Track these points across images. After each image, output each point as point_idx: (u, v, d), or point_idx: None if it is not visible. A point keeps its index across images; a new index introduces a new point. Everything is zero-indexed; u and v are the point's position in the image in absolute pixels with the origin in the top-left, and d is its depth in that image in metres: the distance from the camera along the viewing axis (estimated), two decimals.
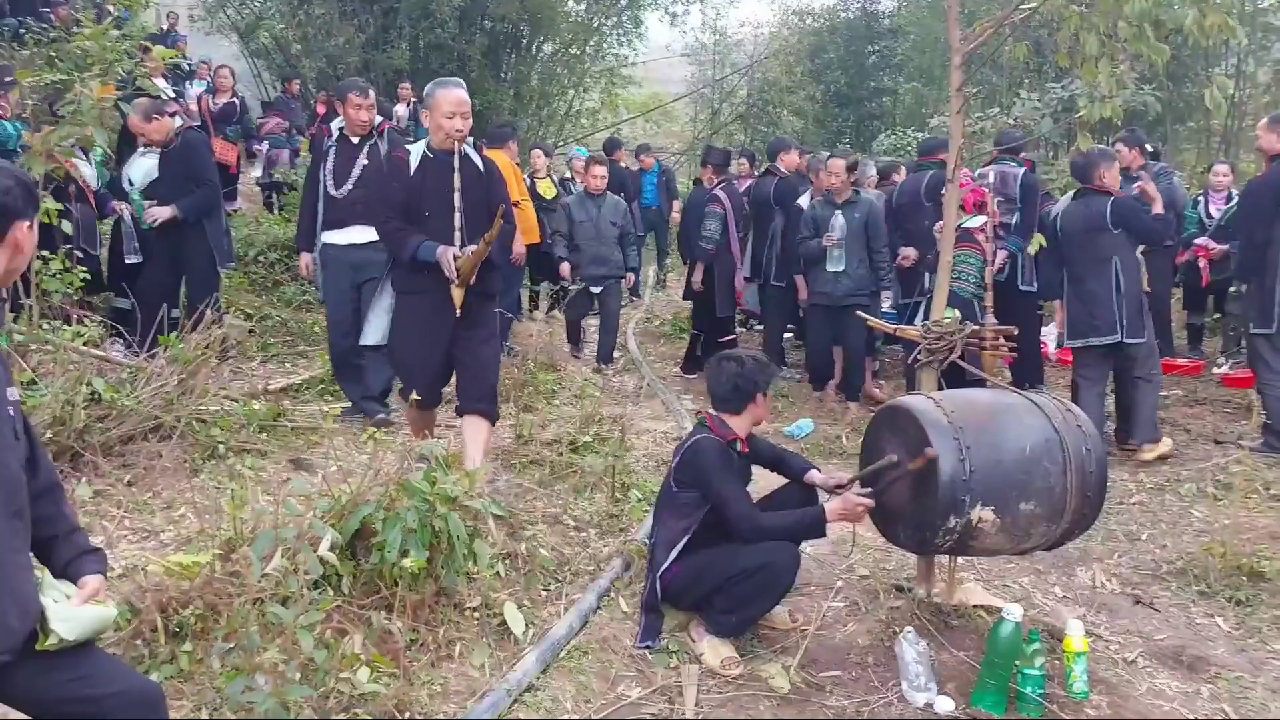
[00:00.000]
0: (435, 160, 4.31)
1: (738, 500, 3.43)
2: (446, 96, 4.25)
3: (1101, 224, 5.64)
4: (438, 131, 4.30)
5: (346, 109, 5.52)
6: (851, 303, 6.67)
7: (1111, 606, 3.98)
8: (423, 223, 4.30)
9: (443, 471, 3.36)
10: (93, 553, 2.26)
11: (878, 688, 3.30)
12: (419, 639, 3.21)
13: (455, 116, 4.25)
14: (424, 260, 4.21)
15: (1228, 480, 5.21)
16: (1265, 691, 3.33)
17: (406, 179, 4.32)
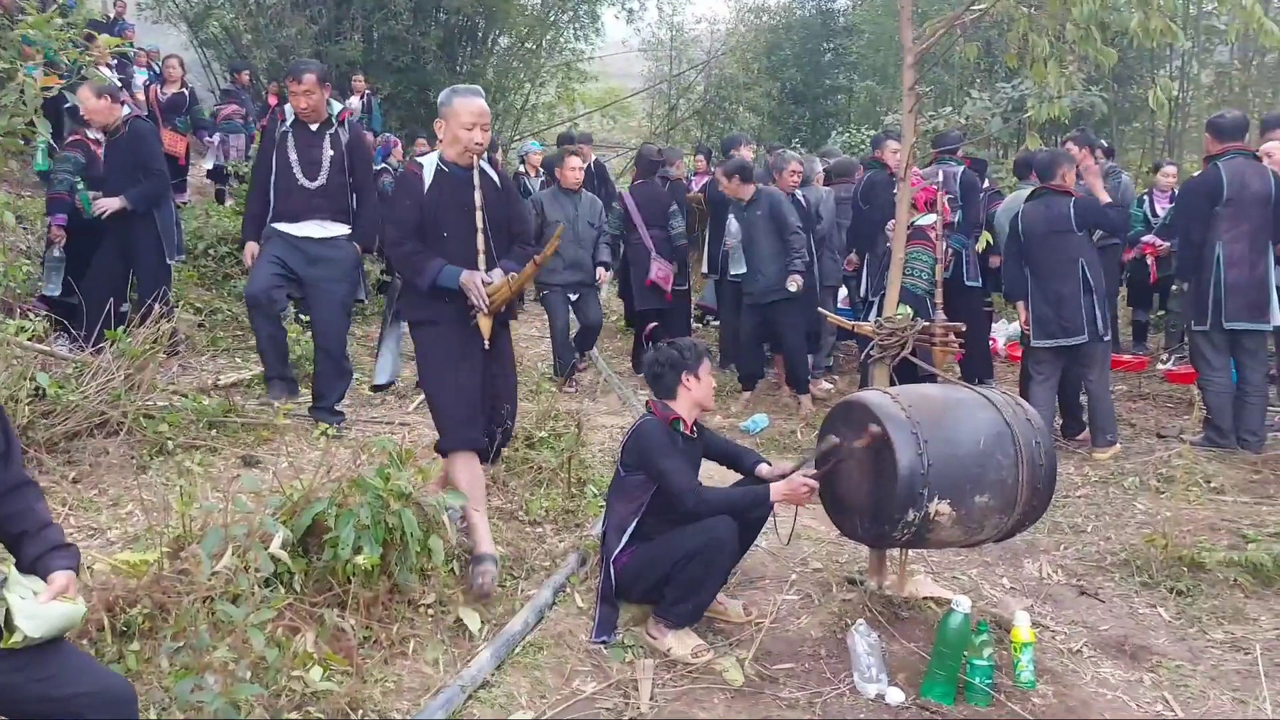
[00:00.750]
0: (451, 176, 3.86)
1: (680, 474, 3.47)
2: (466, 106, 3.83)
3: (1066, 226, 5.73)
4: (454, 144, 3.85)
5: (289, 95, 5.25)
6: (775, 299, 6.70)
7: (1057, 597, 4.06)
8: (440, 244, 3.83)
9: (396, 468, 3.34)
10: (63, 548, 2.22)
11: (830, 679, 3.34)
12: (372, 636, 3.19)
13: (475, 128, 3.81)
14: (444, 287, 3.75)
15: (1170, 474, 5.34)
16: (1204, 679, 3.42)
17: (420, 196, 3.83)
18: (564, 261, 7.11)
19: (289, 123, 5.28)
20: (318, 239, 5.26)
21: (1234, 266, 5.67)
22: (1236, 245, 5.66)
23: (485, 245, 3.86)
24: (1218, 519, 4.69)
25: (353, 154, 5.37)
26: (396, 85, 14.87)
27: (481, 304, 3.72)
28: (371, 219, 5.48)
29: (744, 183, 6.88)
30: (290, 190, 5.23)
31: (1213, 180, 5.77)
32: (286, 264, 5.25)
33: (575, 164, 7.29)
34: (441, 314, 3.83)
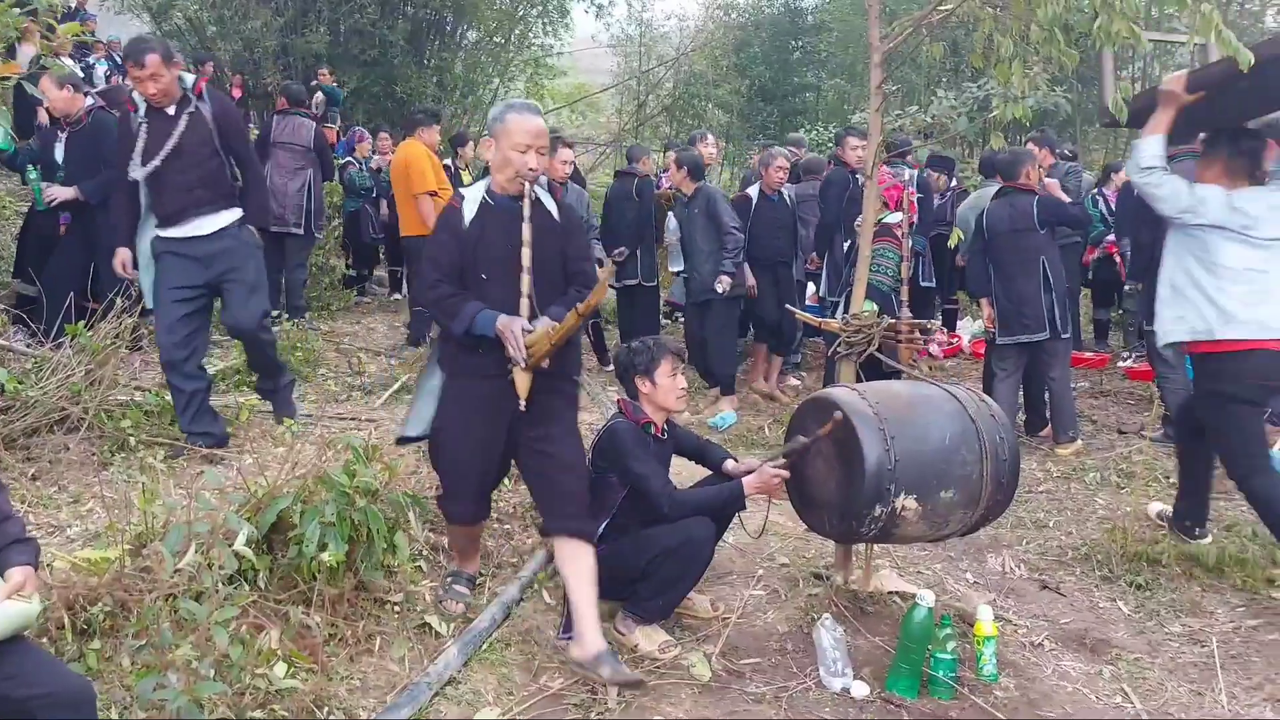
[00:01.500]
0: (497, 208, 3.34)
1: (655, 477, 3.48)
2: (521, 125, 3.29)
3: (1029, 224, 5.80)
4: (505, 168, 3.31)
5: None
6: (706, 298, 6.68)
7: (1020, 592, 4.11)
8: (480, 287, 3.31)
9: (362, 464, 3.32)
10: (23, 543, 2.18)
11: (796, 674, 3.36)
12: (338, 633, 3.17)
13: (530, 151, 3.28)
14: (481, 334, 3.23)
15: (1130, 469, 5.42)
16: (1162, 672, 3.48)
17: (460, 232, 3.33)
18: None
19: (143, 111, 4.72)
20: (206, 236, 4.73)
21: None
22: None
23: (530, 288, 3.27)
24: None
25: (222, 126, 4.77)
26: (363, 79, 14.75)
27: (518, 355, 3.15)
28: (261, 194, 5.08)
29: (690, 178, 6.87)
30: (162, 188, 4.68)
31: None
32: (189, 286, 4.72)
33: (566, 155, 6.98)
34: (479, 367, 3.32)
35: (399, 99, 14.69)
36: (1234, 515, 4.73)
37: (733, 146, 19.55)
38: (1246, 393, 3.94)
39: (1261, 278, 3.90)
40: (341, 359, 7.07)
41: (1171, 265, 4.12)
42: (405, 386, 6.33)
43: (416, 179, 7.37)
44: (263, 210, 5.15)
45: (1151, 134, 4.01)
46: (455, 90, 16.74)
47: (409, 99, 14.37)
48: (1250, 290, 3.88)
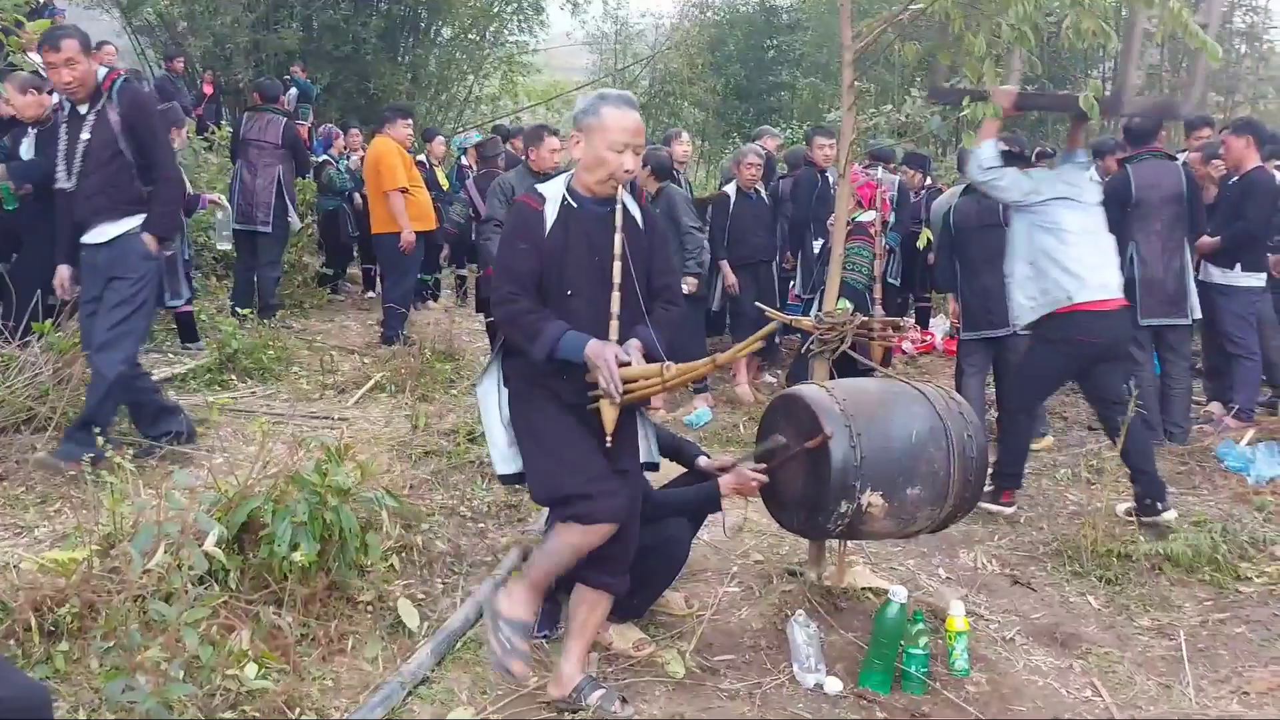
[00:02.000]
0: (583, 211, 2.93)
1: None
2: (619, 120, 2.87)
3: (995, 220, 5.85)
4: (597, 168, 2.89)
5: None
6: None
7: (992, 587, 4.15)
8: (563, 305, 2.89)
9: (334, 463, 3.30)
10: None
11: (770, 670, 3.37)
12: (310, 634, 3.15)
13: (627, 150, 2.87)
14: (567, 359, 2.81)
15: (1100, 465, 5.47)
16: (1131, 665, 3.52)
17: (540, 239, 2.89)
18: None
19: (65, 111, 4.51)
20: (102, 244, 4.47)
21: (1147, 265, 5.83)
22: (1149, 244, 5.82)
23: (618, 307, 2.87)
24: None
25: (130, 125, 4.45)
26: (336, 75, 14.67)
27: (612, 390, 2.74)
28: (167, 200, 4.63)
29: (655, 177, 6.85)
30: (74, 194, 4.46)
31: (1120, 184, 5.93)
32: (94, 298, 4.50)
33: (555, 144, 6.70)
34: (560, 392, 2.92)
35: (372, 95, 14.62)
36: (1201, 511, 4.79)
37: (708, 145, 19.58)
38: (1084, 349, 4.55)
39: (1096, 239, 4.56)
40: (314, 357, 7.02)
41: (1025, 247, 4.65)
42: (379, 385, 6.30)
43: (387, 176, 7.34)
44: (166, 218, 4.64)
45: (985, 139, 4.59)
46: (429, 87, 16.69)
47: (382, 95, 14.30)
48: (1093, 253, 4.51)
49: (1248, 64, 16.35)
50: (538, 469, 2.97)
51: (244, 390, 6.13)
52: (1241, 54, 16.24)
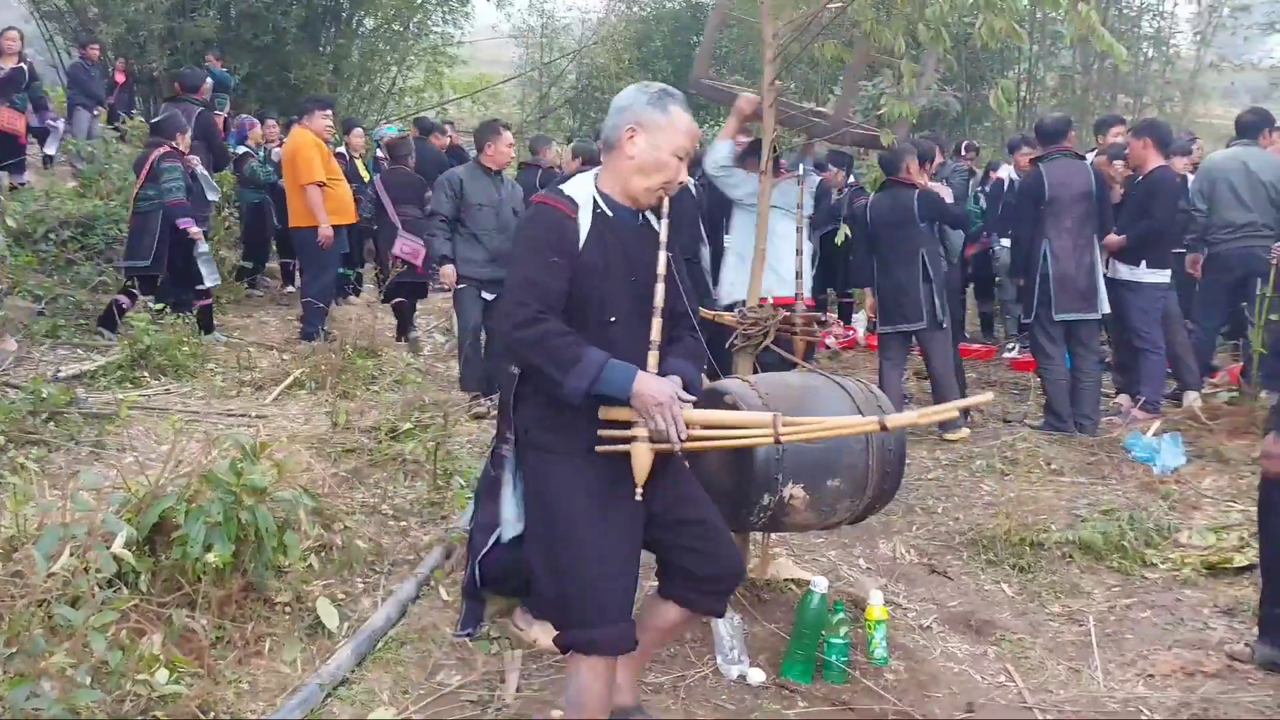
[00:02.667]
0: (618, 221, 2.49)
1: None
2: (687, 122, 2.49)
3: (910, 217, 5.98)
4: (654, 172, 2.46)
5: None
6: None
7: (910, 576, 4.23)
8: (601, 332, 2.42)
9: (250, 462, 3.22)
10: None
11: (694, 662, 3.39)
12: (225, 636, 3.08)
13: (685, 159, 2.50)
14: (609, 393, 2.34)
15: (1014, 457, 5.63)
16: (1043, 651, 3.63)
17: (574, 252, 2.42)
18: (486, 252, 6.15)
19: None
20: None
21: (1060, 261, 6.00)
22: (1061, 241, 6.00)
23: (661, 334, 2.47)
24: (1057, 499, 4.98)
25: None
26: (255, 65, 14.32)
27: (674, 435, 2.32)
28: None
29: (581, 167, 6.86)
30: None
31: (1034, 182, 6.11)
32: None
33: (510, 139, 6.34)
34: (572, 443, 2.46)
35: (293, 86, 14.30)
36: (1110, 500, 4.95)
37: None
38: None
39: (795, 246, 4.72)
40: (231, 354, 6.85)
41: (740, 239, 5.04)
42: (298, 381, 6.18)
43: (303, 169, 7.21)
44: None
45: (723, 139, 4.99)
46: (352, 78, 16.40)
47: (304, 86, 14.00)
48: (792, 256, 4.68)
49: (1155, 67, 16.94)
50: (547, 581, 2.50)
51: (157, 388, 5.96)
52: (1149, 57, 16.81)
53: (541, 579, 2.52)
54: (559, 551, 2.46)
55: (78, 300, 7.20)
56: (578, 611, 2.46)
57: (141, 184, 6.97)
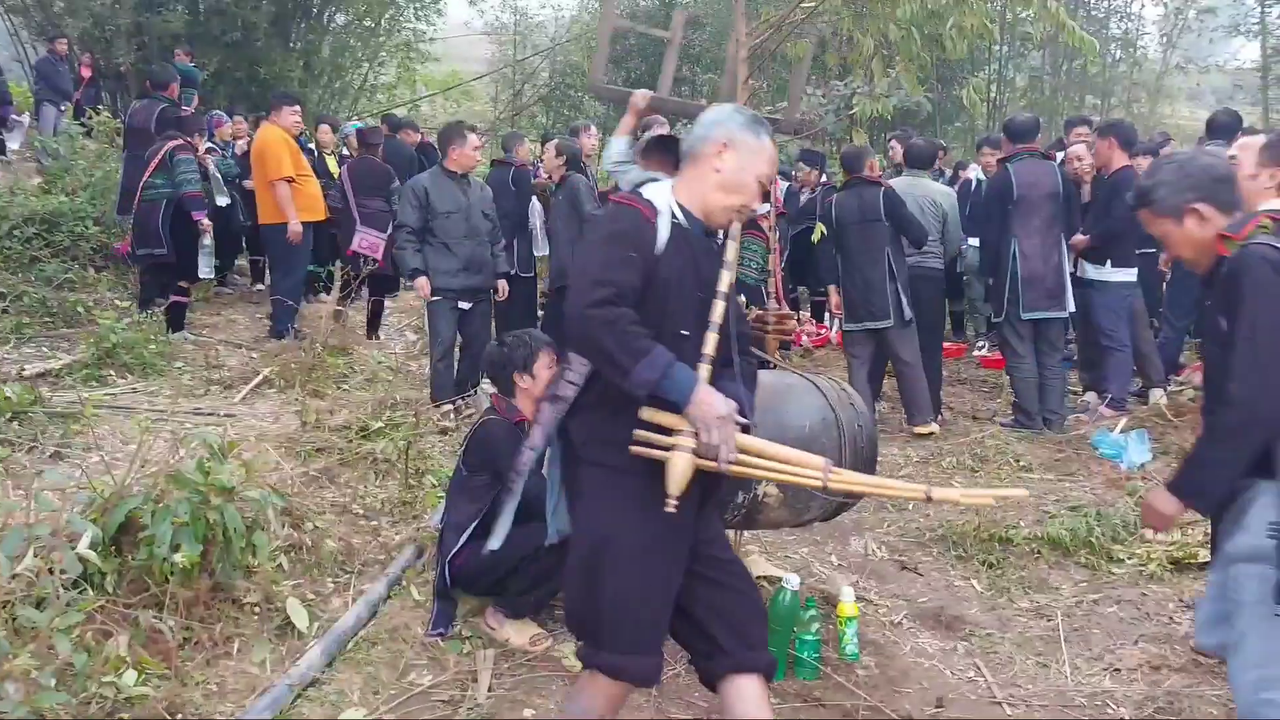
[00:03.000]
0: (692, 234, 2.46)
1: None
2: (770, 152, 2.50)
3: (875, 215, 6.01)
4: (736, 191, 2.44)
5: None
6: (561, 284, 6.37)
7: (880, 573, 4.26)
8: (675, 344, 2.31)
9: (218, 461, 3.19)
10: None
11: (668, 661, 3.37)
12: (193, 637, 3.06)
13: (763, 188, 2.53)
14: (671, 395, 2.24)
15: (984, 454, 5.67)
16: (1012, 646, 3.66)
17: (650, 255, 2.36)
18: (458, 261, 5.87)
19: None
20: None
21: (1029, 260, 6.06)
22: (1029, 240, 6.05)
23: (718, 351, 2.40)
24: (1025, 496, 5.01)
25: None
26: (225, 61, 14.16)
27: (724, 454, 2.24)
28: None
29: (567, 167, 6.84)
30: None
31: (1003, 182, 6.16)
32: None
33: (477, 142, 6.07)
34: (628, 460, 2.34)
35: (263, 82, 14.16)
36: (1077, 496, 5.00)
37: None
38: None
39: None
40: (199, 352, 6.78)
41: None
42: (268, 380, 6.12)
43: (271, 165, 7.14)
44: None
45: (619, 135, 5.09)
46: (322, 74, 16.26)
47: (274, 82, 13.86)
48: None
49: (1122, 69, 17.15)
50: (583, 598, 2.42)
51: (124, 387, 5.89)
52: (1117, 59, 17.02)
53: (576, 593, 2.45)
54: (603, 573, 2.37)
55: (42, 298, 7.09)
56: (610, 635, 2.39)
57: (150, 173, 7.12)
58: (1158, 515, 2.54)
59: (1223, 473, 2.39)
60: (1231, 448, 2.36)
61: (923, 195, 6.45)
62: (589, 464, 2.43)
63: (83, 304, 7.19)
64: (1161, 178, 2.54)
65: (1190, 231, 2.51)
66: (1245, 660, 2.41)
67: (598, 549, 2.39)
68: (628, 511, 2.37)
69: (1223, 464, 2.38)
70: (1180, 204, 2.49)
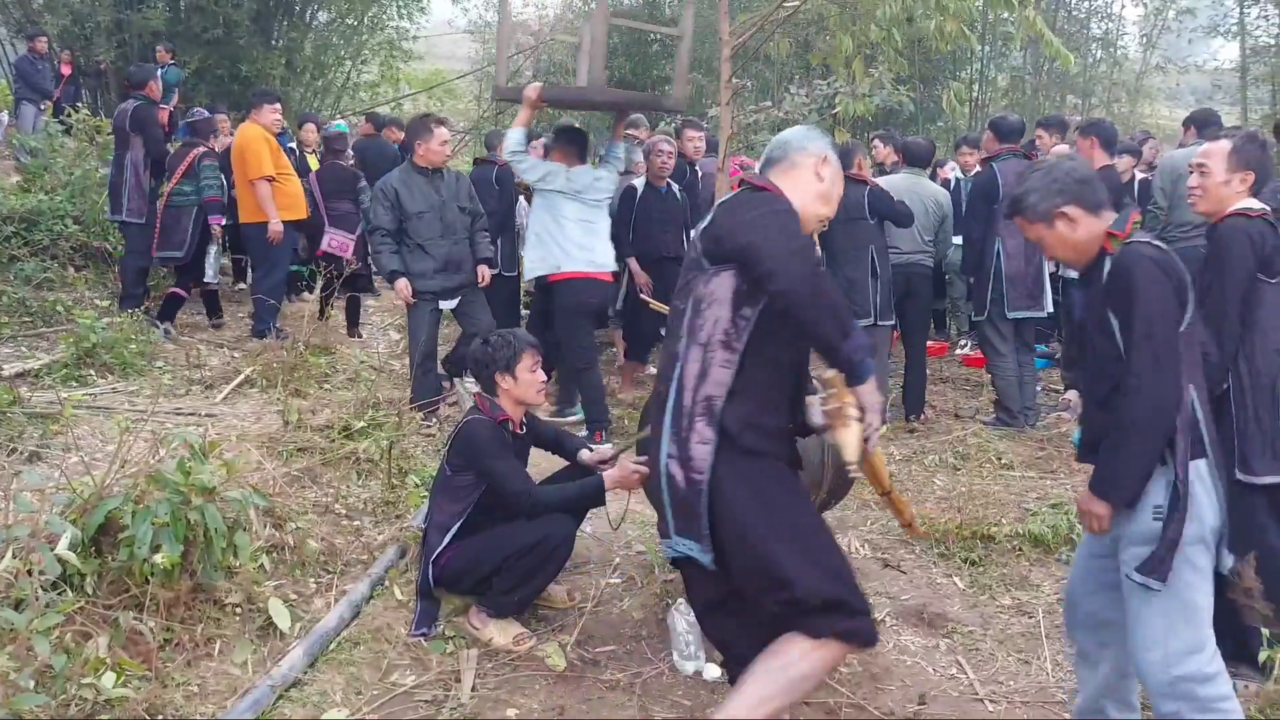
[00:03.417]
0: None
1: (513, 477, 3.44)
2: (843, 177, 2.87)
3: (860, 213, 6.03)
4: (825, 206, 2.72)
5: None
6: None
7: (864, 570, 4.27)
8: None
9: (198, 461, 3.17)
10: None
11: (650, 659, 3.41)
12: (174, 638, 3.04)
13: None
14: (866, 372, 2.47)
15: (965, 452, 5.71)
16: (993, 642, 3.69)
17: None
18: (434, 262, 5.70)
19: None
20: None
21: (1012, 260, 6.10)
22: (1013, 240, 6.07)
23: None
24: (1007, 493, 5.05)
25: None
26: (206, 59, 14.06)
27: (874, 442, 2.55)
28: None
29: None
30: None
31: (988, 181, 6.19)
32: None
33: (445, 136, 5.85)
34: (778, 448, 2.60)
35: (245, 80, 14.07)
36: (1059, 494, 5.04)
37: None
38: (580, 309, 5.72)
39: (591, 227, 5.72)
40: (180, 351, 6.74)
41: (536, 219, 5.80)
42: (249, 379, 6.09)
43: (252, 164, 7.11)
44: None
45: (516, 127, 5.71)
46: (305, 72, 16.17)
47: (256, 80, 13.78)
48: (582, 235, 5.66)
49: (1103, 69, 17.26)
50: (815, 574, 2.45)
51: (104, 386, 5.85)
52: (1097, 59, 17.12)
53: (806, 576, 2.44)
54: (812, 544, 2.50)
55: (21, 297, 7.03)
56: (852, 598, 2.48)
57: (178, 180, 7.40)
58: (1092, 517, 2.60)
59: (1138, 465, 2.47)
60: (1142, 440, 2.45)
61: (925, 195, 6.49)
62: (744, 454, 2.49)
63: (62, 303, 7.14)
64: (1030, 185, 2.66)
65: (1062, 233, 2.63)
66: (1145, 640, 2.48)
67: (797, 527, 2.51)
68: (796, 490, 2.61)
69: (1137, 457, 2.46)
70: (1050, 209, 2.61)
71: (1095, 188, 2.61)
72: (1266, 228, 3.25)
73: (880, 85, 5.85)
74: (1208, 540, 2.47)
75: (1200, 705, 2.41)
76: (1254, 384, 3.25)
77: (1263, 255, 3.23)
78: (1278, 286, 3.27)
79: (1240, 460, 3.25)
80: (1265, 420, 3.24)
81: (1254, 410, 3.24)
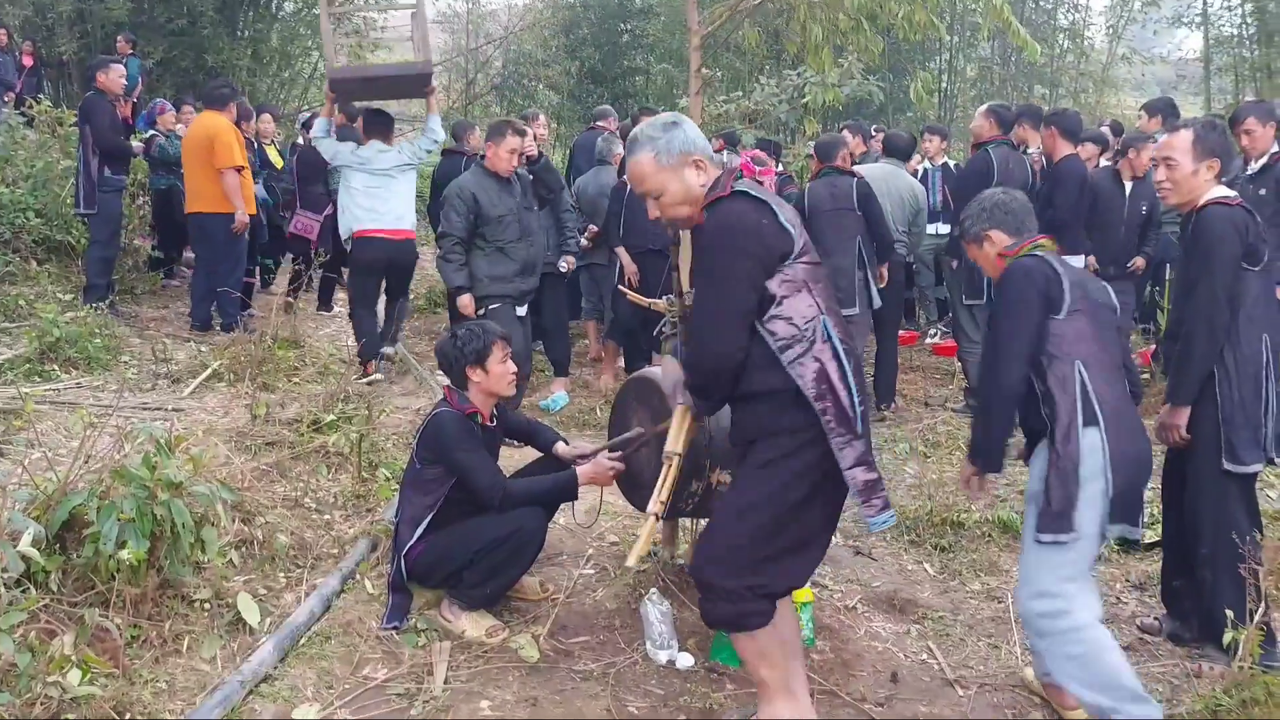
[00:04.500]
0: None
1: (483, 470, 3.42)
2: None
3: (849, 204, 6.04)
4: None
5: None
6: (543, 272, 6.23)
7: (835, 558, 4.29)
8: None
9: (164, 456, 3.13)
10: None
11: (624, 649, 3.41)
12: (141, 635, 3.01)
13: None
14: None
15: (936, 440, 5.75)
16: (963, 628, 3.72)
17: None
18: (516, 265, 5.67)
19: None
20: None
21: None
22: None
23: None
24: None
25: None
26: (170, 50, 13.87)
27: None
28: None
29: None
30: None
31: (985, 166, 6.22)
32: None
33: (514, 145, 5.58)
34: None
35: (211, 71, 13.88)
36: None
37: (563, 128, 19.49)
38: (371, 264, 6.59)
39: (376, 192, 6.47)
40: (146, 345, 6.65)
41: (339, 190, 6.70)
42: (217, 373, 6.02)
43: (224, 153, 7.02)
44: None
45: (321, 117, 6.78)
46: (271, 63, 15.99)
47: (221, 71, 13.60)
48: (368, 200, 6.46)
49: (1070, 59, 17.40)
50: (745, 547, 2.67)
51: (68, 381, 5.76)
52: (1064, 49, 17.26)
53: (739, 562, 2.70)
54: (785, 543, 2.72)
55: None
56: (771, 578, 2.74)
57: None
58: (963, 480, 3.25)
59: (992, 438, 3.04)
60: (988, 417, 3.05)
61: (902, 186, 6.52)
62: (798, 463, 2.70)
63: (24, 297, 7.01)
64: (968, 212, 3.17)
65: (987, 253, 3.13)
66: (1023, 580, 2.96)
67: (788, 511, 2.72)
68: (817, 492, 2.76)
69: (988, 430, 3.05)
70: (979, 231, 3.12)
71: (1015, 215, 3.06)
72: (1247, 216, 3.29)
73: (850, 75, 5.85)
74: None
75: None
76: (1239, 373, 3.28)
77: (1246, 243, 3.26)
78: (1260, 275, 3.30)
79: (1227, 449, 3.28)
80: (1250, 408, 3.27)
81: (1240, 399, 3.27)
